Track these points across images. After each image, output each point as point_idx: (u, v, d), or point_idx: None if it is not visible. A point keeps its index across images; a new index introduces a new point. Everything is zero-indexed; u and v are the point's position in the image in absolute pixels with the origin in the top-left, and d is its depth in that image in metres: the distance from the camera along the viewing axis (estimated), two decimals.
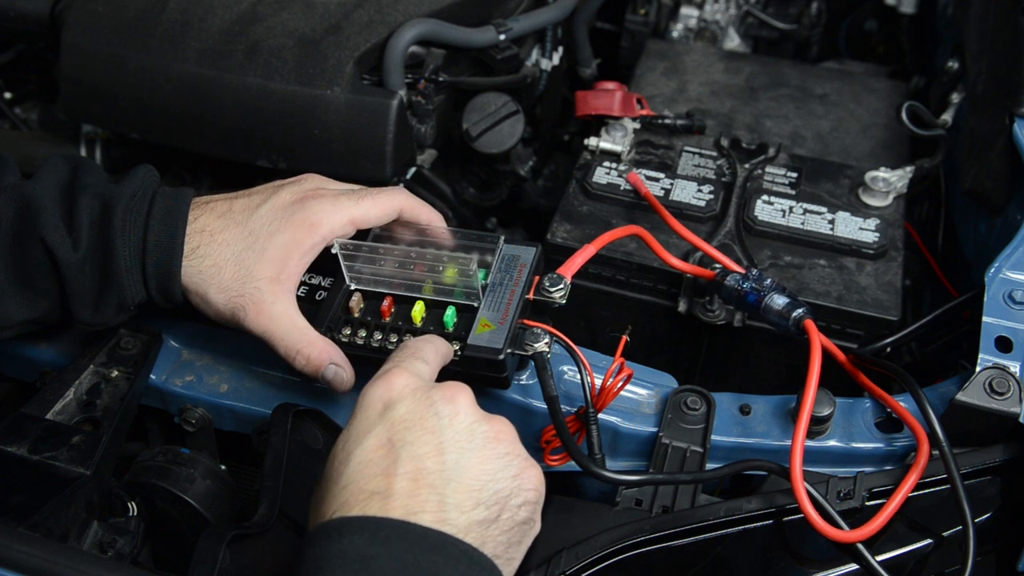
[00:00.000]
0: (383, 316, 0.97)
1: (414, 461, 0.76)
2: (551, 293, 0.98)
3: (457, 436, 0.78)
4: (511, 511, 0.78)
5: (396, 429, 0.78)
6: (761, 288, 1.06)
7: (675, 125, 1.37)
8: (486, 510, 0.76)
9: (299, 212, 0.96)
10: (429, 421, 0.78)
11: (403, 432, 0.78)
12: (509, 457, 0.80)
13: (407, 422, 0.78)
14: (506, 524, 0.77)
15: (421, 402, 0.80)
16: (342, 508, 0.74)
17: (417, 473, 0.75)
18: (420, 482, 0.75)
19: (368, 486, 0.75)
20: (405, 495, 0.74)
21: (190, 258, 0.95)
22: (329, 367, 0.96)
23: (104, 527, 0.95)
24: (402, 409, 0.79)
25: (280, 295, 0.95)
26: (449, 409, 0.79)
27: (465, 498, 0.76)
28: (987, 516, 0.95)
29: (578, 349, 0.96)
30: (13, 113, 1.55)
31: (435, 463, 0.76)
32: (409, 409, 0.79)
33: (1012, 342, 0.99)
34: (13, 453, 0.93)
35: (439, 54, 1.33)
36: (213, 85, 1.22)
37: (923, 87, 1.59)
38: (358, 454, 0.77)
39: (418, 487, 0.75)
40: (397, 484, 0.74)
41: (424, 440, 0.77)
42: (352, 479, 0.76)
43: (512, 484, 0.79)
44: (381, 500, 0.74)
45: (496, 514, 0.77)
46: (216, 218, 0.96)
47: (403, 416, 0.79)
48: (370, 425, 0.79)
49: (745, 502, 0.95)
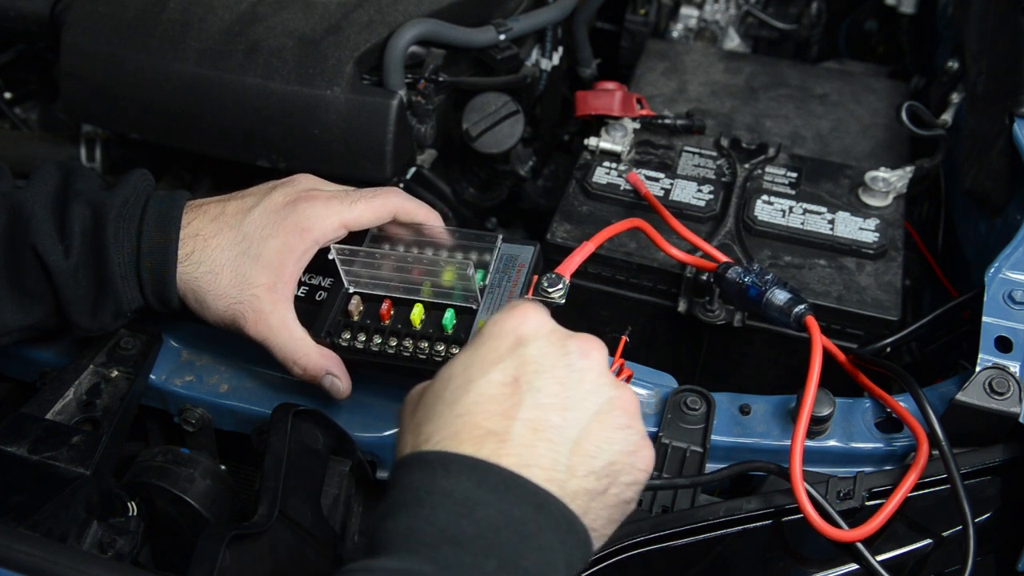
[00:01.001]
0: (382, 319, 0.97)
1: (538, 409, 0.72)
2: (550, 293, 0.98)
3: (585, 395, 0.75)
4: (619, 487, 0.75)
5: (526, 369, 0.74)
6: (763, 282, 1.06)
7: (675, 125, 1.37)
8: (596, 480, 0.73)
9: (291, 216, 0.96)
10: (560, 370, 0.75)
11: (532, 375, 0.74)
12: (629, 431, 0.76)
13: (538, 365, 0.74)
14: (611, 499, 0.75)
15: (556, 348, 0.76)
16: (452, 439, 0.71)
17: (538, 423, 0.72)
18: (539, 433, 0.72)
19: (486, 423, 0.71)
20: (521, 443, 0.71)
21: (185, 264, 0.94)
22: (326, 377, 0.96)
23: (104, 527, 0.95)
24: (535, 349, 0.75)
25: (278, 303, 0.95)
26: (583, 363, 0.76)
27: (580, 462, 0.73)
28: (987, 516, 0.96)
29: None
30: (13, 113, 1.55)
31: (558, 417, 0.73)
32: (543, 351, 0.75)
33: (1012, 342, 0.99)
34: (13, 453, 0.93)
35: (439, 54, 1.33)
36: (213, 85, 1.22)
37: (923, 87, 1.59)
38: (481, 384, 0.73)
39: (536, 438, 0.71)
40: (516, 429, 0.71)
41: (552, 390, 0.74)
42: (469, 409, 0.72)
43: (626, 460, 0.76)
44: (496, 442, 0.70)
45: (605, 487, 0.74)
46: (209, 222, 0.96)
47: (535, 357, 0.75)
48: (499, 357, 0.75)
49: (745, 502, 0.95)
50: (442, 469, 0.70)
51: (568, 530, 0.71)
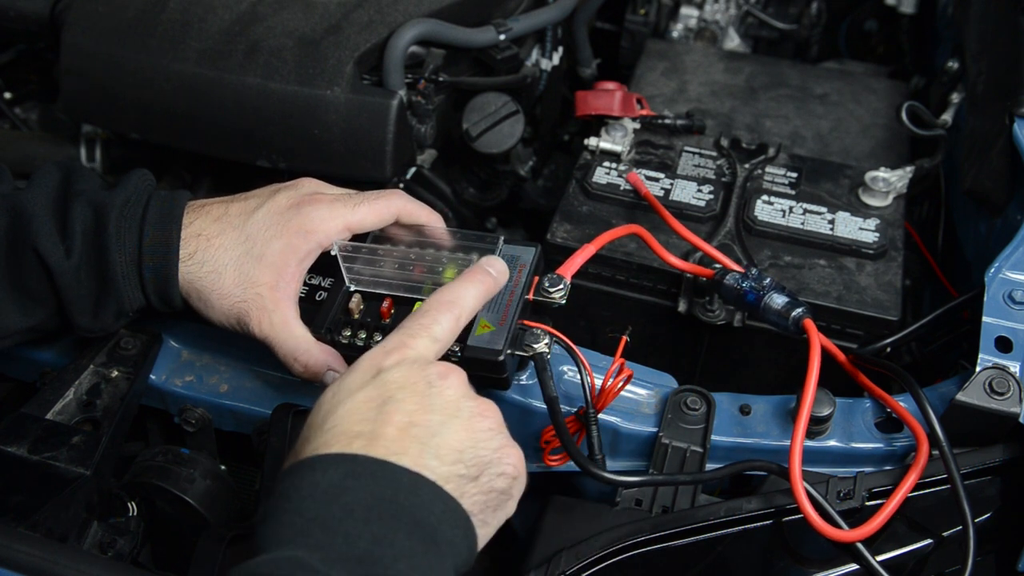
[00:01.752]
0: (383, 317, 0.97)
1: (402, 415, 0.77)
2: (551, 293, 0.98)
3: (445, 404, 0.79)
4: (490, 476, 0.79)
5: (388, 388, 0.79)
6: (760, 287, 1.06)
7: (675, 125, 1.37)
8: (466, 468, 0.77)
9: (295, 218, 0.96)
10: (420, 386, 0.79)
11: (395, 391, 0.78)
12: (492, 432, 0.81)
13: (399, 383, 0.79)
14: (484, 486, 0.79)
15: (415, 371, 0.81)
16: (323, 447, 0.75)
17: (404, 424, 0.76)
18: (406, 432, 0.76)
19: (353, 429, 0.75)
20: (389, 439, 0.75)
21: (188, 263, 0.94)
22: (328, 374, 0.96)
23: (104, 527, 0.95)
24: (396, 373, 0.80)
25: (280, 302, 0.95)
26: (441, 382, 0.80)
27: (447, 453, 0.77)
28: (987, 516, 0.96)
29: (578, 350, 0.96)
30: (13, 113, 1.55)
31: (422, 419, 0.77)
32: (403, 374, 0.80)
33: (1012, 342, 0.99)
34: (13, 453, 0.93)
35: (439, 54, 1.33)
36: (213, 85, 1.22)
37: (923, 87, 1.59)
38: (347, 403, 0.78)
39: (403, 435, 0.75)
40: (384, 430, 0.75)
41: (414, 400, 0.78)
42: (338, 423, 0.76)
43: (493, 455, 0.80)
44: (365, 441, 0.74)
45: (476, 474, 0.78)
46: (212, 222, 0.96)
47: (396, 379, 0.79)
48: (362, 383, 0.79)
49: (745, 502, 0.95)
50: (309, 469, 0.73)
51: (444, 507, 0.74)
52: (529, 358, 0.96)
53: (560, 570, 0.91)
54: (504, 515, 0.82)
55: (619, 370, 0.96)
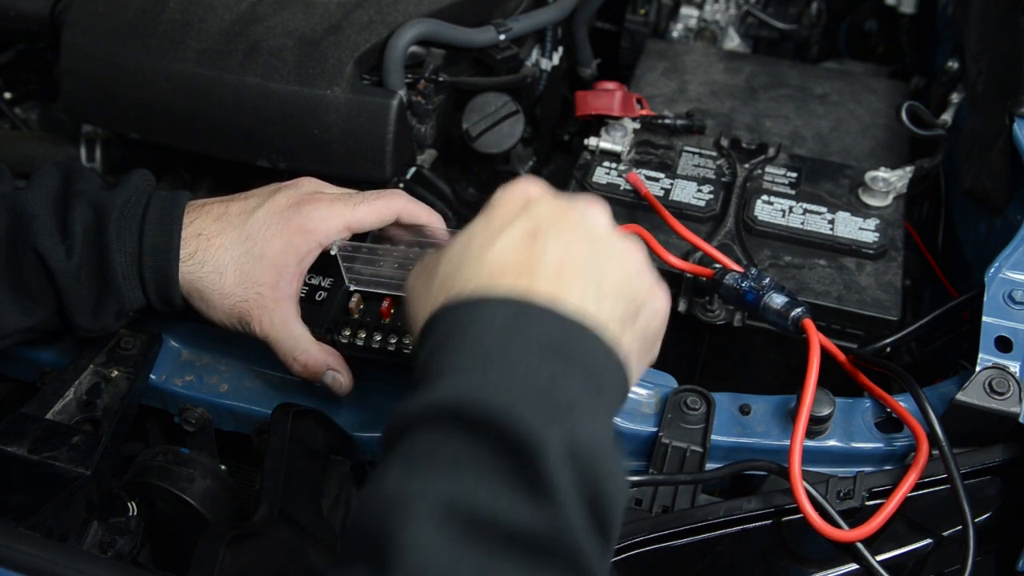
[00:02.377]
0: (383, 317, 0.97)
1: (561, 248, 0.73)
2: None
3: (599, 238, 0.76)
4: (646, 316, 0.78)
5: (541, 220, 0.75)
6: (760, 287, 1.06)
7: (675, 125, 1.37)
8: (625, 305, 0.75)
9: (295, 217, 0.96)
10: (573, 217, 0.76)
11: (548, 223, 0.75)
12: (645, 270, 0.79)
13: (552, 216, 0.76)
14: (640, 330, 0.77)
15: (563, 203, 0.77)
16: (489, 279, 0.72)
17: (563, 260, 0.73)
18: (566, 266, 0.73)
19: (516, 265, 0.72)
20: (552, 276, 0.72)
21: (188, 263, 0.95)
22: (327, 373, 0.96)
23: (104, 527, 0.95)
24: (544, 206, 0.77)
25: (280, 301, 0.95)
26: (593, 212, 0.78)
27: (608, 290, 0.74)
28: (987, 516, 0.96)
29: None
30: (13, 113, 1.55)
31: (582, 251, 0.74)
32: (553, 207, 0.77)
33: (1012, 342, 0.99)
34: (13, 453, 0.93)
35: (439, 54, 1.33)
36: (213, 85, 1.22)
37: (923, 87, 1.59)
38: (503, 238, 0.74)
39: (564, 271, 0.72)
40: (545, 263, 0.72)
41: (569, 232, 0.75)
42: (497, 257, 0.73)
43: (649, 291, 0.78)
44: (529, 278, 0.71)
45: (634, 312, 0.76)
46: (212, 222, 0.96)
47: (547, 211, 0.76)
48: (512, 217, 0.76)
49: (745, 502, 0.95)
50: (480, 305, 0.70)
51: (607, 356, 0.71)
52: None
53: None
54: (651, 360, 0.82)
55: None
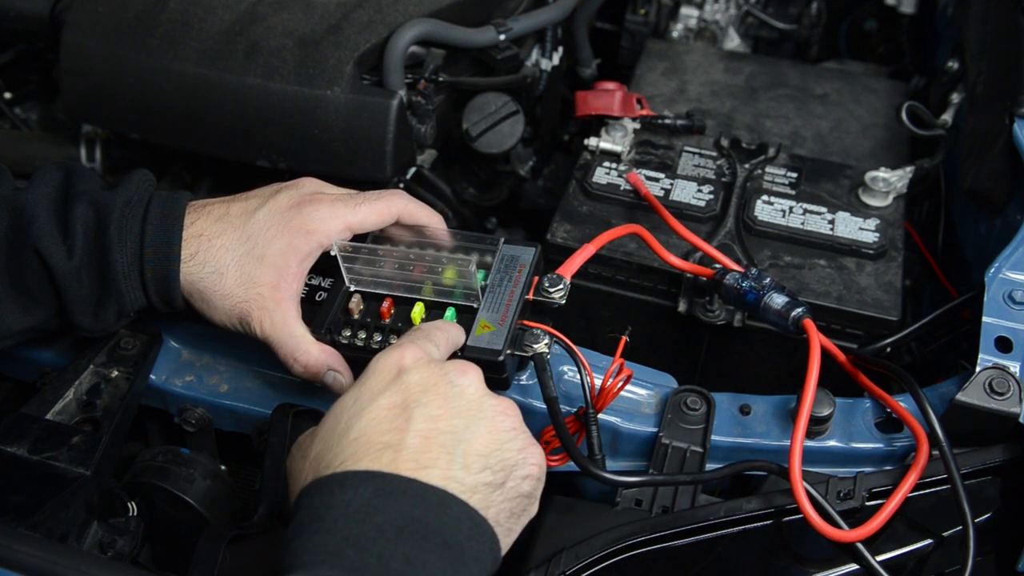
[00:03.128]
0: (383, 317, 0.97)
1: (427, 421, 0.77)
2: (551, 293, 0.98)
3: (468, 405, 0.80)
4: (515, 481, 0.79)
5: (410, 392, 0.79)
6: (760, 287, 1.06)
7: (675, 125, 1.37)
8: (492, 474, 0.77)
9: (296, 218, 0.96)
10: (443, 388, 0.80)
11: (417, 394, 0.78)
12: (516, 432, 0.81)
13: (421, 386, 0.79)
14: (510, 492, 0.79)
15: (435, 372, 0.81)
16: (351, 458, 0.74)
17: (429, 432, 0.76)
18: (431, 440, 0.76)
19: (381, 439, 0.75)
20: (416, 450, 0.75)
21: (189, 264, 0.94)
22: (328, 373, 0.96)
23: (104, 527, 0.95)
24: (416, 376, 0.80)
25: (281, 302, 0.95)
26: (462, 380, 0.81)
27: (474, 460, 0.77)
28: (987, 516, 0.96)
29: (578, 350, 0.96)
30: (13, 113, 1.55)
31: (447, 425, 0.77)
32: (423, 377, 0.80)
33: (1012, 342, 0.99)
34: (13, 453, 0.93)
35: (439, 54, 1.33)
36: (213, 85, 1.22)
37: (923, 87, 1.59)
38: (371, 411, 0.77)
39: (429, 444, 0.75)
40: (409, 439, 0.75)
41: (437, 404, 0.78)
42: (364, 432, 0.76)
43: (518, 456, 0.80)
44: (392, 453, 0.74)
45: (502, 480, 0.78)
46: (213, 222, 0.96)
47: (417, 381, 0.80)
48: (383, 387, 0.79)
49: (745, 502, 0.95)
50: (338, 486, 0.73)
51: (471, 524, 0.74)
52: (529, 358, 0.96)
53: (560, 570, 0.91)
54: (527, 518, 0.83)
55: (619, 370, 0.96)
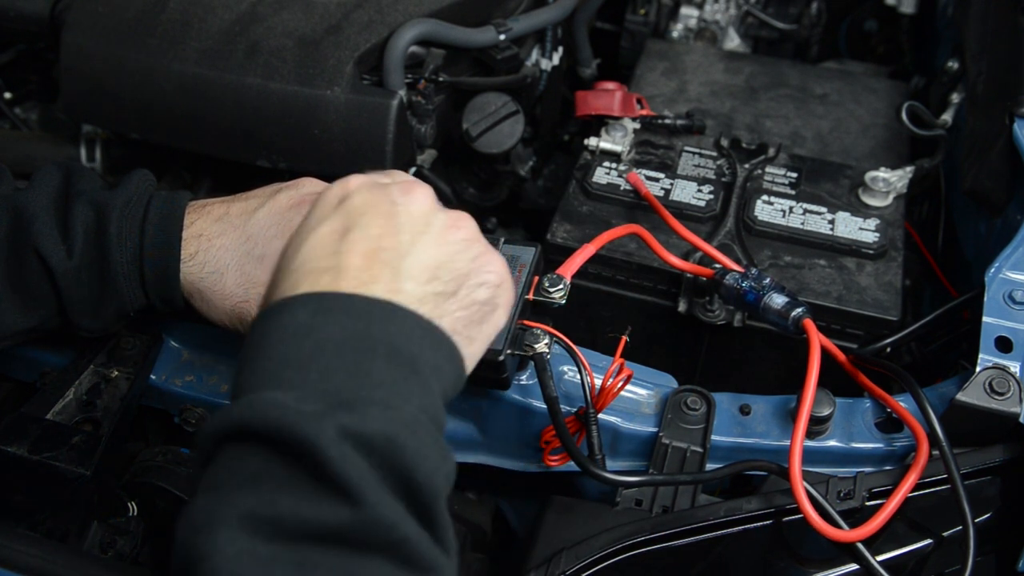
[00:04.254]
0: None
1: (368, 241, 0.74)
2: (551, 293, 0.98)
3: (413, 220, 0.77)
4: (470, 288, 0.77)
5: (351, 215, 0.76)
6: (760, 287, 1.06)
7: (675, 125, 1.37)
8: (442, 284, 0.75)
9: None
10: (384, 207, 0.77)
11: (358, 217, 0.76)
12: (468, 242, 0.79)
13: (362, 208, 0.77)
14: (464, 300, 0.77)
15: (377, 193, 0.78)
16: (290, 288, 0.73)
17: (371, 251, 0.74)
18: (374, 258, 0.74)
19: (319, 265, 0.73)
20: (357, 269, 0.73)
21: (189, 264, 0.94)
22: None
23: (104, 527, 0.95)
24: (357, 199, 0.78)
25: None
26: (405, 198, 0.78)
27: (420, 272, 0.75)
28: (987, 516, 0.96)
29: (578, 350, 0.96)
30: (13, 113, 1.55)
31: (390, 242, 0.75)
32: (364, 199, 0.78)
33: (1012, 342, 0.99)
34: (13, 453, 0.93)
35: (439, 54, 1.33)
36: (213, 85, 1.22)
37: (923, 87, 1.59)
38: (311, 239, 0.76)
39: (371, 262, 0.73)
40: (350, 260, 0.73)
41: (379, 223, 0.76)
42: (303, 261, 0.74)
43: (470, 265, 0.78)
44: (332, 276, 0.72)
45: (454, 289, 0.76)
46: (213, 222, 0.96)
47: (358, 205, 0.77)
48: (324, 216, 0.78)
49: (745, 502, 0.95)
50: (276, 312, 0.71)
51: (423, 333, 0.72)
52: (529, 358, 0.96)
53: (560, 570, 0.91)
54: (493, 328, 0.81)
55: (619, 370, 0.96)
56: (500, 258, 0.81)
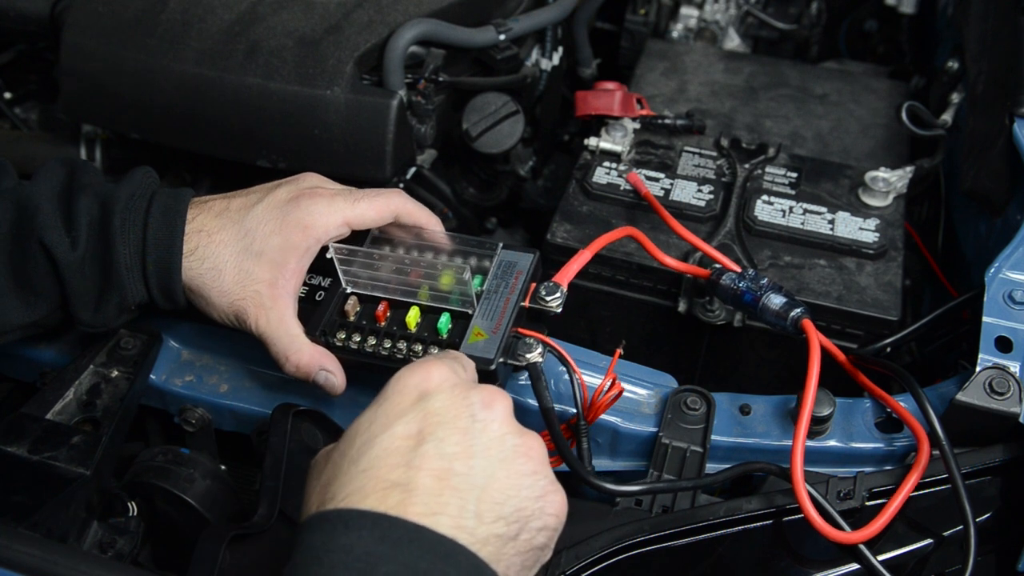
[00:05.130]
0: (378, 321, 0.97)
1: (442, 460, 0.72)
2: (547, 302, 0.98)
3: (489, 443, 0.75)
4: (530, 533, 0.75)
5: (428, 422, 0.74)
6: (758, 288, 1.06)
7: (675, 125, 1.37)
8: (506, 526, 0.73)
9: (294, 212, 0.96)
10: (463, 421, 0.75)
11: (435, 426, 0.74)
12: (536, 476, 0.76)
13: (441, 416, 0.74)
14: (523, 545, 0.75)
15: (458, 400, 0.76)
16: (357, 494, 0.70)
17: (443, 472, 0.72)
18: (445, 482, 0.71)
19: (390, 476, 0.71)
20: (427, 493, 0.70)
21: (190, 259, 0.95)
22: (320, 373, 0.96)
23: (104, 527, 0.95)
24: (438, 402, 0.75)
25: (278, 299, 0.95)
26: (485, 414, 0.76)
27: (487, 509, 0.72)
28: (987, 516, 0.95)
29: (572, 360, 0.96)
30: (13, 113, 1.55)
31: (463, 466, 0.73)
32: (445, 404, 0.75)
33: (1012, 342, 0.99)
34: (13, 453, 0.93)
35: (439, 54, 1.33)
36: (213, 85, 1.22)
37: (923, 87, 1.59)
38: (384, 439, 0.73)
39: (442, 487, 0.71)
40: (421, 479, 0.71)
41: (455, 440, 0.73)
42: (374, 464, 0.72)
43: (535, 505, 0.76)
44: (401, 493, 0.70)
45: (516, 532, 0.74)
46: (213, 217, 0.96)
47: (438, 409, 0.75)
48: (402, 412, 0.75)
49: (745, 502, 0.95)
50: (342, 526, 0.68)
51: None
52: (523, 368, 0.95)
53: (560, 570, 0.90)
54: (538, 568, 0.78)
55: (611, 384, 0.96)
56: (562, 497, 0.78)
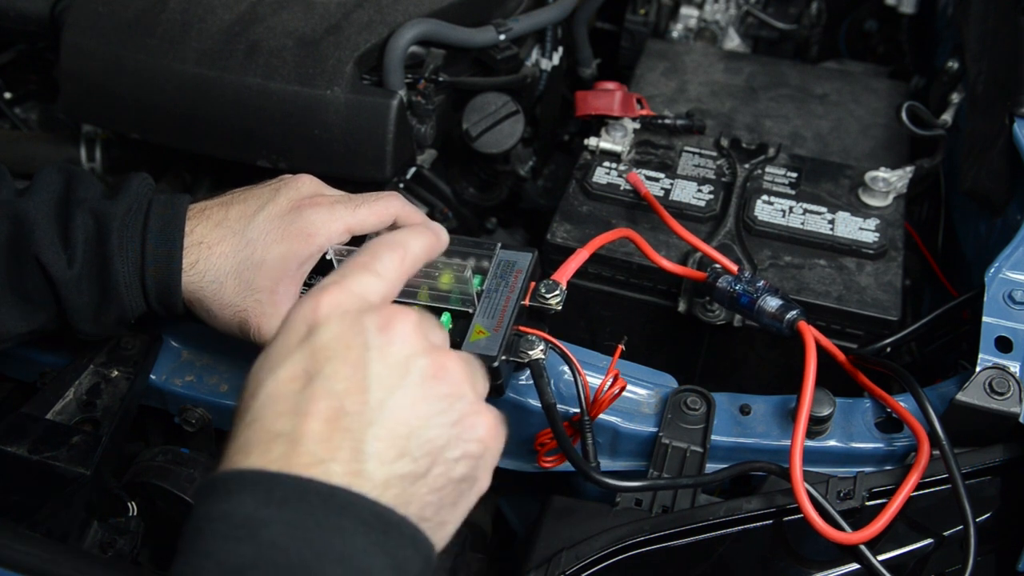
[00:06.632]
0: None
1: (331, 399, 0.64)
2: (547, 300, 0.98)
3: (387, 371, 0.66)
4: (445, 465, 0.67)
5: (316, 358, 0.66)
6: (753, 290, 1.06)
7: (675, 125, 1.37)
8: (412, 463, 0.65)
9: (297, 221, 0.95)
10: (355, 351, 0.66)
11: (323, 362, 0.66)
12: (450, 399, 0.68)
13: (330, 350, 0.66)
14: (438, 480, 0.67)
15: (349, 328, 0.67)
16: (240, 452, 0.64)
17: (333, 413, 0.64)
18: (335, 424, 0.64)
19: (275, 426, 0.64)
20: (315, 439, 0.63)
21: (190, 273, 0.94)
22: None
23: (104, 527, 0.95)
24: (327, 334, 0.67)
25: (279, 306, 0.95)
26: (382, 339, 0.67)
27: (387, 447, 0.64)
28: (987, 516, 0.96)
29: (574, 356, 0.96)
30: (13, 113, 1.55)
31: (355, 402, 0.65)
32: (334, 335, 0.67)
33: (1012, 342, 0.99)
34: (13, 453, 0.93)
35: (439, 54, 1.33)
36: (213, 85, 1.22)
37: (923, 87, 1.59)
38: (269, 385, 0.66)
39: (332, 430, 0.63)
40: (308, 425, 0.63)
41: (345, 374, 0.65)
42: (259, 415, 0.65)
43: (449, 432, 0.67)
44: (286, 444, 0.63)
45: (426, 468, 0.66)
46: (212, 228, 0.96)
47: (326, 342, 0.67)
48: (288, 351, 0.67)
49: (745, 502, 0.95)
50: (224, 490, 0.63)
51: (384, 529, 0.63)
52: (525, 365, 0.95)
53: (560, 570, 0.91)
54: (468, 504, 0.71)
55: (613, 381, 0.96)
56: (488, 417, 0.70)
